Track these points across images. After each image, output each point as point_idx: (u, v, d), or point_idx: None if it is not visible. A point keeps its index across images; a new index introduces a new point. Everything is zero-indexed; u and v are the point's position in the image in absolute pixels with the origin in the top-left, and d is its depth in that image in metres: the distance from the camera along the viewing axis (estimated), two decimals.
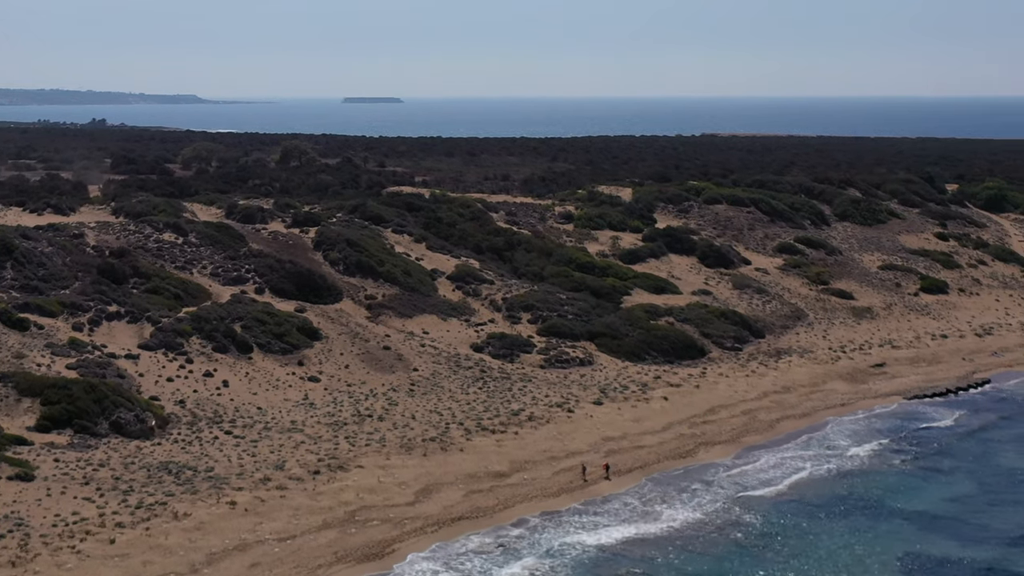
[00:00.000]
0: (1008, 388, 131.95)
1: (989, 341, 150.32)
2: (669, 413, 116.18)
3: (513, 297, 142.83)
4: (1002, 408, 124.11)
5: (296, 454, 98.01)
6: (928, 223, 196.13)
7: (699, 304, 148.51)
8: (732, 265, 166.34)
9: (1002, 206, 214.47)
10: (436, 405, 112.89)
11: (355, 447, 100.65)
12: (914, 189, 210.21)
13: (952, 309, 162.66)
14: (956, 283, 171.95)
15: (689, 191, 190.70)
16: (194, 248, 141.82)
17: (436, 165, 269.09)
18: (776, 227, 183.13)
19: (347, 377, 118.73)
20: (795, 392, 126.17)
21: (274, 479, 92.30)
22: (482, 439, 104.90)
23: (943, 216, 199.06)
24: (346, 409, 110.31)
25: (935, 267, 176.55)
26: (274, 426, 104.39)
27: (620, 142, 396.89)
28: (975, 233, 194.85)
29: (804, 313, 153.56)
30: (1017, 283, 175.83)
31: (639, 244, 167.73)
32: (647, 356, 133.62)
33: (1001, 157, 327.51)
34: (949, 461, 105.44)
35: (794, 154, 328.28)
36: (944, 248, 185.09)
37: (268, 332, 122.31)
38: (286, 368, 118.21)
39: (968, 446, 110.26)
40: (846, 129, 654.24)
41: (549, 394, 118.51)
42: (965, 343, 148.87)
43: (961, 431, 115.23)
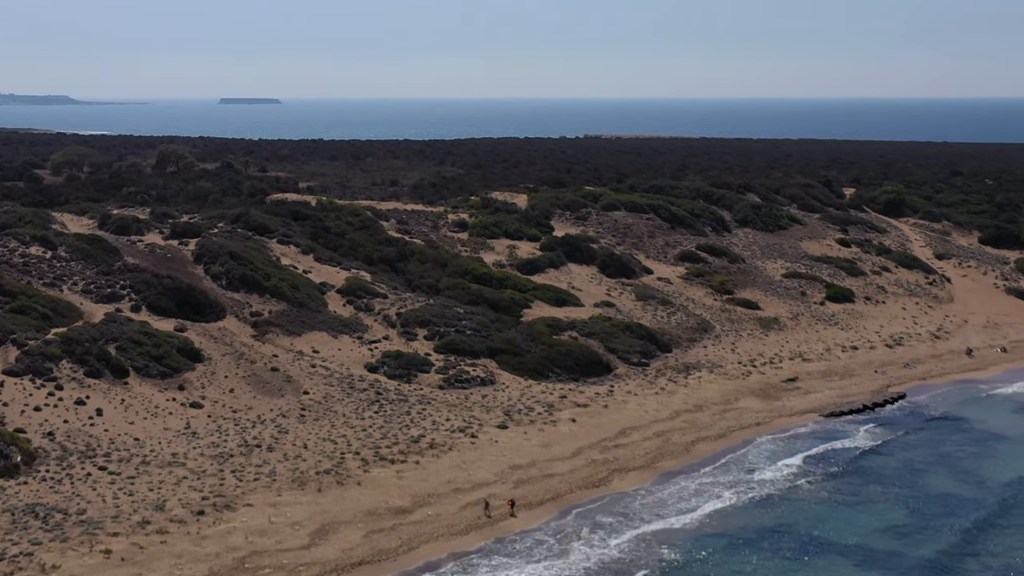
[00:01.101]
0: (924, 403, 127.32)
1: (900, 352, 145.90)
2: (578, 436, 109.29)
3: (408, 312, 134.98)
4: (921, 425, 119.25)
5: (178, 492, 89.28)
6: (830, 229, 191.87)
7: (602, 317, 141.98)
8: (634, 275, 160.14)
9: (901, 210, 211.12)
10: (330, 432, 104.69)
11: (243, 482, 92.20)
12: (813, 194, 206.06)
13: (859, 318, 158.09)
14: (861, 291, 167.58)
15: (586, 197, 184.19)
16: (64, 263, 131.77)
17: (320, 170, 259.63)
18: (677, 234, 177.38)
19: (232, 402, 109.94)
20: (708, 411, 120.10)
21: (154, 522, 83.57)
22: (381, 470, 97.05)
23: (844, 221, 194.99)
24: (232, 439, 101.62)
25: (839, 274, 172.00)
26: (153, 460, 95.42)
27: (507, 144, 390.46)
28: (877, 239, 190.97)
29: (711, 325, 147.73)
30: (922, 290, 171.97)
31: (537, 253, 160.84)
32: (551, 374, 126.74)
33: (891, 159, 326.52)
34: (877, 486, 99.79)
35: (684, 157, 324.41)
36: (847, 255, 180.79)
37: (146, 354, 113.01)
38: (166, 394, 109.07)
39: (894, 468, 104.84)
40: (732, 130, 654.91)
41: (450, 418, 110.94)
42: (876, 355, 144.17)
43: (884, 452, 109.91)
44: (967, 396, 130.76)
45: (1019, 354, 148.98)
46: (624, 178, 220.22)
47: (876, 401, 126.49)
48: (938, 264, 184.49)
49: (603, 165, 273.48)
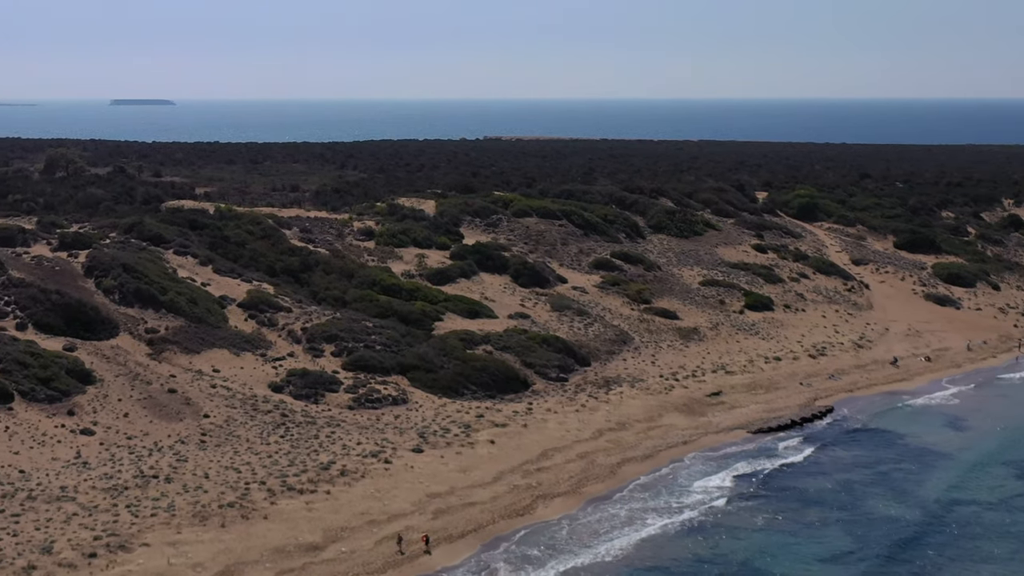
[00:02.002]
0: (853, 417, 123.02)
1: (824, 363, 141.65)
2: (499, 460, 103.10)
3: (314, 326, 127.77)
4: (852, 441, 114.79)
5: (67, 531, 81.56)
6: (745, 234, 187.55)
7: (518, 329, 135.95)
8: (548, 284, 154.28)
9: (815, 215, 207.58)
10: (233, 460, 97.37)
11: (139, 518, 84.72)
12: (727, 198, 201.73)
13: (780, 327, 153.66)
14: (780, 299, 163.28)
15: (496, 203, 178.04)
16: None
17: (217, 174, 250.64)
18: (591, 241, 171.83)
19: (127, 428, 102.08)
20: (632, 429, 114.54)
21: (40, 567, 75.96)
22: (289, 502, 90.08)
23: (759, 226, 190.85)
24: (127, 469, 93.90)
25: (757, 282, 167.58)
26: (40, 494, 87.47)
27: (409, 147, 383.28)
28: (793, 244, 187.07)
29: (629, 336, 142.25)
30: (841, 297, 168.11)
31: (448, 262, 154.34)
32: (466, 391, 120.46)
33: (796, 161, 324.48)
34: (815, 510, 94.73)
35: (590, 159, 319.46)
36: (764, 261, 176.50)
37: (32, 376, 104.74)
38: (54, 420, 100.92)
39: (831, 490, 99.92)
40: (633, 132, 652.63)
41: (362, 441, 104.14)
42: (800, 366, 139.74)
43: (819, 471, 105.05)
44: (896, 409, 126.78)
45: (943, 363, 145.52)
46: (533, 182, 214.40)
47: (804, 416, 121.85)
48: (855, 270, 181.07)
49: (509, 168, 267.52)
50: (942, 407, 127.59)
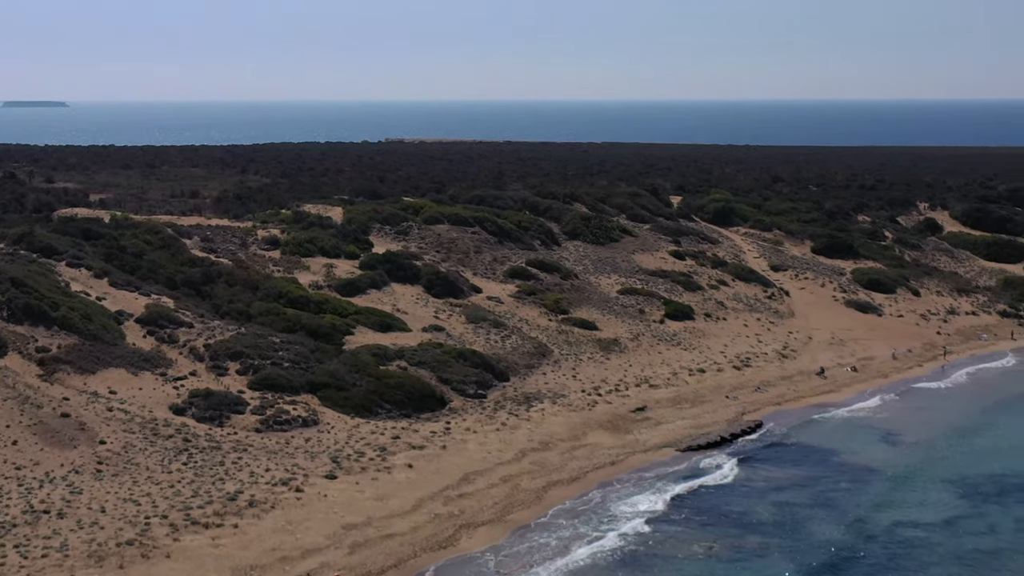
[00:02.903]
0: (784, 432, 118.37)
1: (749, 374, 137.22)
2: (418, 486, 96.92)
3: (217, 343, 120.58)
4: (786, 458, 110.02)
5: None
6: (662, 240, 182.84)
7: (433, 343, 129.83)
8: (462, 294, 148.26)
9: (730, 219, 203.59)
10: (132, 491, 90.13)
11: (28, 560, 77.46)
12: (642, 203, 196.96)
13: (702, 337, 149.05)
14: (701, 307, 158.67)
15: (406, 210, 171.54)
16: None
17: (113, 180, 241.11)
18: (505, 249, 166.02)
19: (15, 457, 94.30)
20: (556, 449, 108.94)
21: None
22: (194, 537, 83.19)
23: (675, 232, 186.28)
24: (15, 503, 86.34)
25: (677, 289, 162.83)
26: None
27: (311, 150, 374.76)
28: (711, 250, 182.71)
29: (548, 349, 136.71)
30: (762, 305, 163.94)
31: (357, 272, 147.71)
32: (380, 410, 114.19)
33: (706, 164, 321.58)
34: (755, 536, 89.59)
35: (498, 163, 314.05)
36: (683, 268, 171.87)
37: None
38: None
39: (770, 513, 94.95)
40: (536, 134, 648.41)
41: (271, 468, 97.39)
42: (725, 378, 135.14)
43: (755, 493, 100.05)
44: (826, 422, 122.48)
45: (870, 373, 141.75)
46: (443, 187, 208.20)
47: (733, 432, 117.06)
48: (775, 276, 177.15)
49: (416, 173, 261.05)
50: (873, 420, 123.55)
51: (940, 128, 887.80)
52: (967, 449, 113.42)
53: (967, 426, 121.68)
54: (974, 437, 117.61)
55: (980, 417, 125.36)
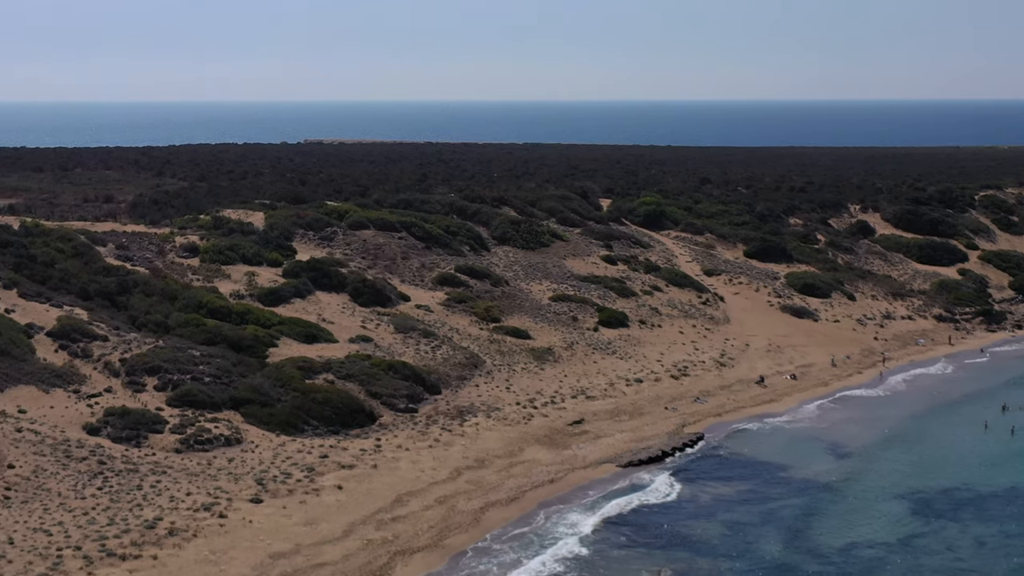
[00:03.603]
0: (727, 445, 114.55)
1: (688, 384, 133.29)
2: (348, 509, 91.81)
3: (134, 357, 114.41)
4: (731, 474, 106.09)
5: None
6: (593, 244, 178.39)
7: (360, 355, 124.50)
8: (390, 302, 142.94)
9: (662, 223, 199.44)
10: (43, 520, 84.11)
11: None
12: (571, 206, 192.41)
13: (637, 345, 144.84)
14: (635, 314, 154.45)
15: (330, 215, 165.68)
16: None
17: (23, 184, 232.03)
18: (433, 255, 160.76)
19: None
20: (492, 466, 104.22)
21: None
22: (110, 571, 77.61)
23: (607, 236, 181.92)
24: None
25: (610, 296, 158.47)
26: None
27: (229, 152, 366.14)
28: (643, 254, 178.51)
29: (480, 359, 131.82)
30: (697, 311, 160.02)
31: (280, 281, 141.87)
32: (307, 427, 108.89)
33: (630, 165, 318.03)
34: (706, 559, 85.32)
35: (420, 165, 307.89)
36: (615, 273, 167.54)
37: None
38: None
39: (719, 533, 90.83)
40: (456, 135, 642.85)
41: (192, 492, 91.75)
42: (663, 388, 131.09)
43: (702, 511, 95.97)
44: (770, 434, 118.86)
45: (810, 381, 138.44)
46: (367, 191, 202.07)
47: (675, 445, 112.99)
48: (708, 281, 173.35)
49: (338, 175, 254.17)
50: (817, 431, 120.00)
51: (864, 128, 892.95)
52: (915, 461, 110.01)
53: (912, 437, 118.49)
54: (921, 449, 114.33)
55: (924, 427, 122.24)
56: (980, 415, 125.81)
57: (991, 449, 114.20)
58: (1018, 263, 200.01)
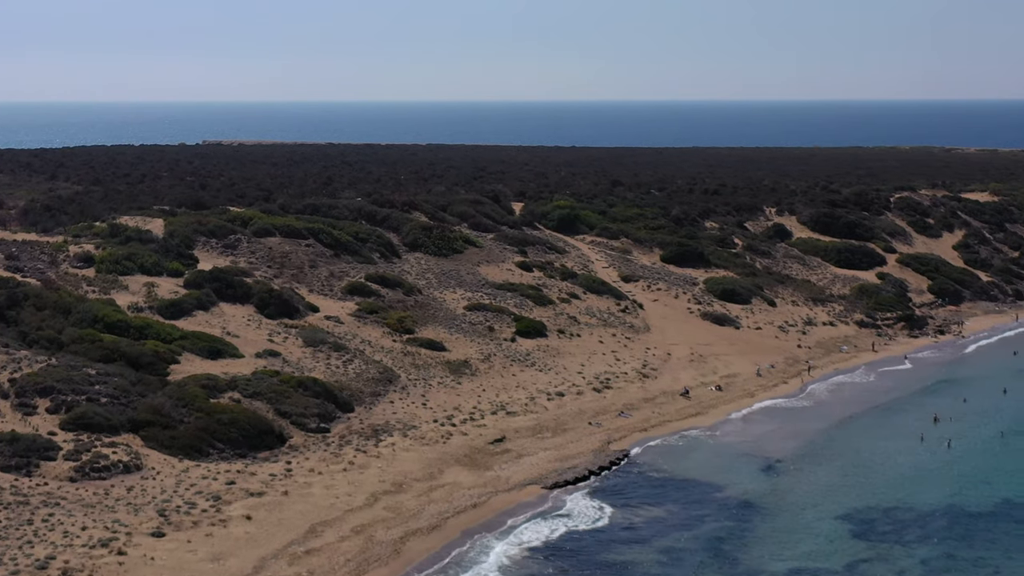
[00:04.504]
0: (654, 463, 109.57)
1: (611, 397, 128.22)
2: (258, 541, 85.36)
3: (24, 376, 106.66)
4: (662, 494, 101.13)
5: None
6: (507, 251, 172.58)
7: (268, 371, 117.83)
8: (298, 314, 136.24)
9: (576, 227, 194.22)
10: None
11: None
12: (484, 211, 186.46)
13: (557, 356, 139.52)
14: (553, 323, 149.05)
15: (234, 221, 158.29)
16: None
17: None
18: (342, 263, 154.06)
19: None
20: (411, 491, 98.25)
21: None
22: None
23: (521, 242, 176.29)
24: None
25: (527, 304, 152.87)
26: None
27: (126, 154, 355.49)
28: (558, 260, 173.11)
29: (395, 374, 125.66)
30: (616, 319, 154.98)
31: (182, 292, 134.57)
32: (211, 450, 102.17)
33: (539, 167, 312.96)
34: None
35: (324, 167, 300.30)
36: (531, 280, 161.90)
37: None
38: None
39: (656, 561, 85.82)
40: (358, 135, 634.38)
41: (88, 526, 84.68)
42: (586, 402, 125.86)
43: (634, 537, 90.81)
44: (698, 450, 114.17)
45: (735, 392, 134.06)
46: (271, 195, 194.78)
47: (601, 464, 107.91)
48: (626, 287, 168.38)
49: (240, 179, 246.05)
50: (747, 445, 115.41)
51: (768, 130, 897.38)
52: (852, 479, 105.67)
53: (846, 451, 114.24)
54: (857, 464, 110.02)
55: (857, 441, 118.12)
56: (913, 427, 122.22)
57: (928, 464, 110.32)
58: (936, 266, 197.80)
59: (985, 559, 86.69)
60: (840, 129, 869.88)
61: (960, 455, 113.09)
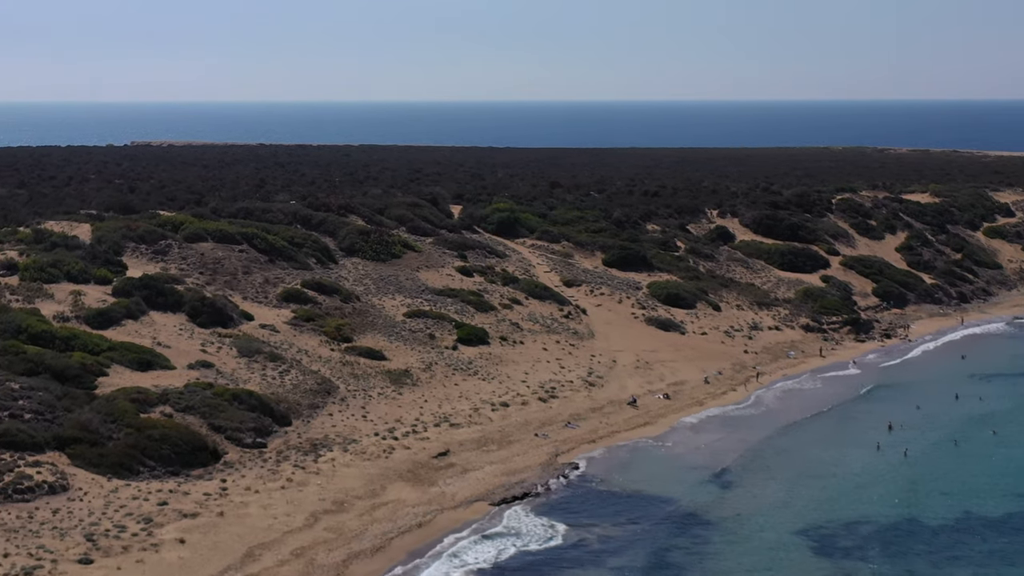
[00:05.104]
0: (605, 476, 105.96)
1: (557, 407, 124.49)
2: (193, 567, 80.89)
3: None
4: (613, 509, 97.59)
5: None
6: (447, 255, 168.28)
7: (201, 383, 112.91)
8: (232, 322, 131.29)
9: (516, 230, 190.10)
10: None
11: None
12: (422, 214, 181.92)
13: (500, 364, 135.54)
14: (495, 330, 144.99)
15: (164, 226, 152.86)
16: None
17: None
18: (277, 269, 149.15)
19: None
20: (353, 509, 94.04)
21: None
22: None
23: (460, 246, 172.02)
24: None
25: (468, 311, 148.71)
26: None
27: (52, 155, 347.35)
28: (499, 265, 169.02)
29: (333, 385, 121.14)
30: (560, 325, 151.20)
31: (110, 301, 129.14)
32: (142, 468, 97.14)
33: (475, 169, 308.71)
34: None
35: (258, 169, 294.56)
36: (472, 286, 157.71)
37: None
38: None
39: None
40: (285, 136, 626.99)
41: (11, 552, 79.77)
42: (531, 412, 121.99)
43: (587, 558, 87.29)
44: (648, 462, 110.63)
45: (683, 401, 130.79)
46: (203, 199, 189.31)
47: (550, 477, 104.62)
48: (569, 292, 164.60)
49: (170, 181, 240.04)
50: (698, 457, 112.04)
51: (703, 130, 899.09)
52: (807, 491, 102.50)
53: (801, 462, 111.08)
54: (812, 476, 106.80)
55: (811, 450, 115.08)
56: (868, 435, 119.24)
57: (886, 474, 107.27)
58: (880, 269, 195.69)
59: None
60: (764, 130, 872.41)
61: (917, 465, 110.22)
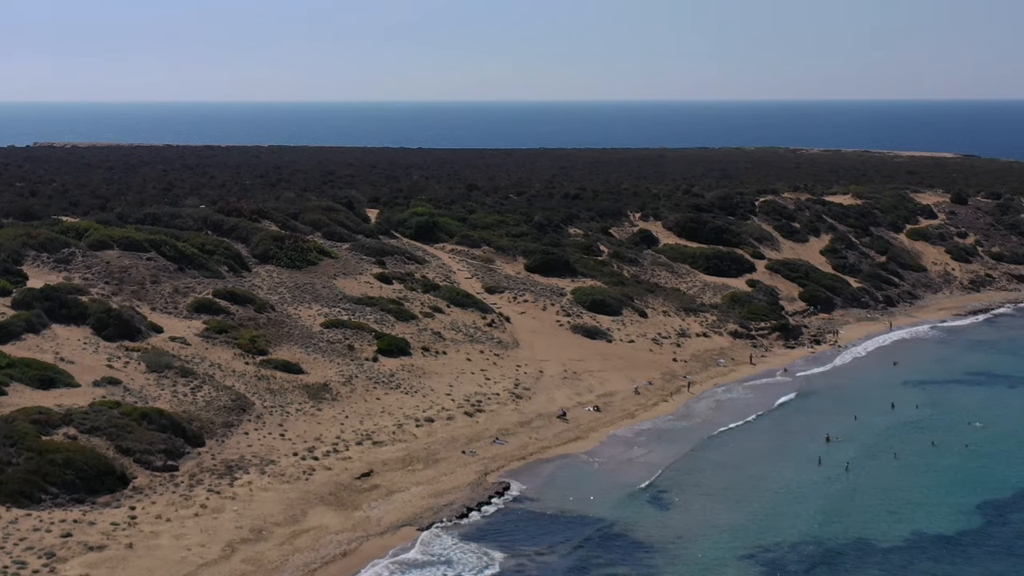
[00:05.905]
0: (537, 496, 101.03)
1: (484, 421, 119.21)
2: None
3: None
4: (549, 534, 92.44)
5: None
6: (364, 261, 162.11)
7: (108, 402, 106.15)
8: (140, 335, 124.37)
9: (435, 235, 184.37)
10: None
11: None
12: (338, 219, 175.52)
13: (423, 376, 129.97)
14: (417, 340, 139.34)
15: (67, 233, 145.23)
16: None
17: None
18: (187, 277, 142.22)
19: None
20: (272, 538, 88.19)
21: None
22: None
23: (378, 252, 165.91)
24: None
25: (388, 320, 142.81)
26: None
27: None
28: (419, 271, 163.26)
29: (249, 401, 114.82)
30: (483, 334, 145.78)
31: (9, 313, 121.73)
32: (44, 496, 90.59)
33: (389, 171, 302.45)
34: None
35: (164, 172, 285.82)
36: (391, 294, 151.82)
37: None
38: None
39: None
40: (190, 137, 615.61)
41: None
42: (458, 427, 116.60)
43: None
44: (582, 480, 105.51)
45: (614, 413, 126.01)
46: (108, 204, 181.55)
47: (480, 499, 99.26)
48: (491, 299, 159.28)
49: (74, 185, 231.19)
50: (633, 474, 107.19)
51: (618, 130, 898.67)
52: (749, 509, 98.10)
53: (739, 478, 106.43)
54: (752, 493, 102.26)
55: (750, 465, 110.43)
56: (807, 449, 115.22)
57: (829, 491, 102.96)
58: (806, 272, 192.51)
59: None
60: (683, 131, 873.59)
61: (860, 480, 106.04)
